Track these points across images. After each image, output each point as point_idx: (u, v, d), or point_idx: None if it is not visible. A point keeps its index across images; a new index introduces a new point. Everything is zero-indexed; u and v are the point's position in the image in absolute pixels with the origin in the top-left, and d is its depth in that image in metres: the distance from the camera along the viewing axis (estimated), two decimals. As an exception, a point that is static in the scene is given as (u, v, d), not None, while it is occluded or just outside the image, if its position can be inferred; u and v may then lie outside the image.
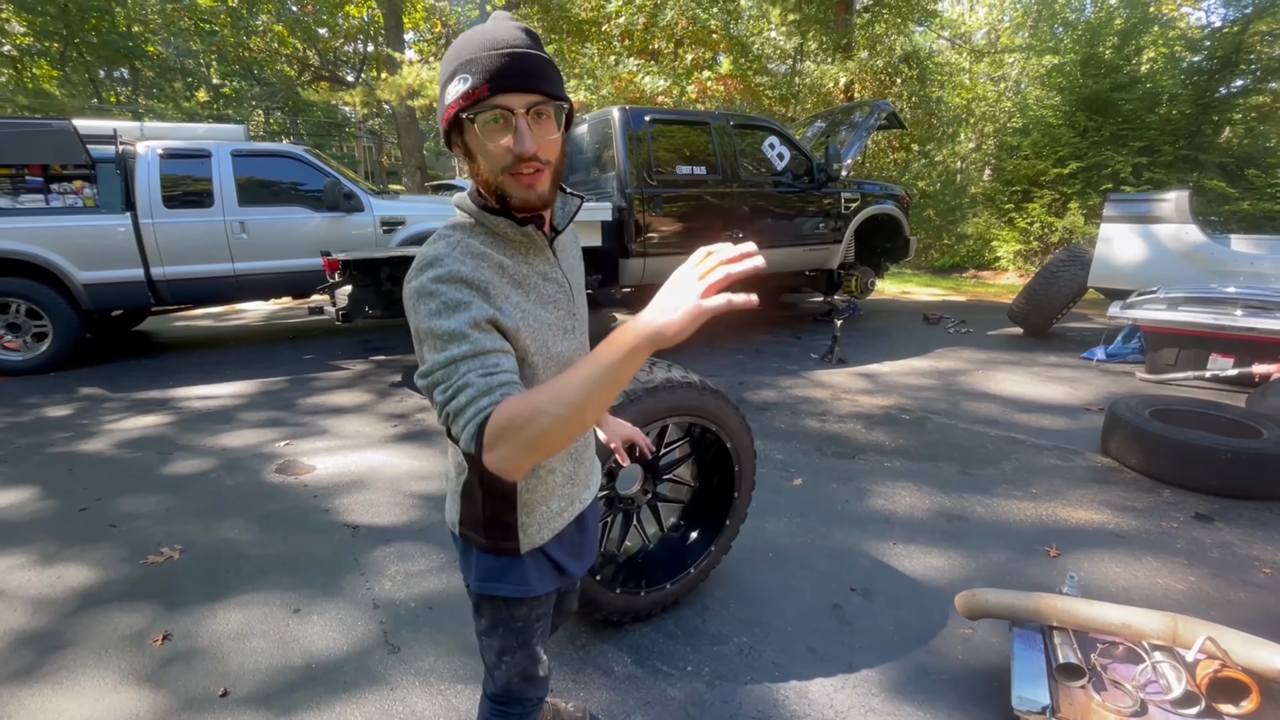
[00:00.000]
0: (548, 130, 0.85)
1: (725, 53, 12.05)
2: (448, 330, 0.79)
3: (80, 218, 4.89)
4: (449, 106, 0.83)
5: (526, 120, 0.81)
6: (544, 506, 1.02)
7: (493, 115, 0.81)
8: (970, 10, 17.22)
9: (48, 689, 1.72)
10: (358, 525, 2.59)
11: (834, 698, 1.67)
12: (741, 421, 2.00)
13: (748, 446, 2.04)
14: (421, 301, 0.82)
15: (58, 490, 2.93)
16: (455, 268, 0.83)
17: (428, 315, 0.81)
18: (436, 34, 16.78)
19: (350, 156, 20.92)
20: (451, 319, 0.80)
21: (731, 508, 2.07)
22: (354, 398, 4.28)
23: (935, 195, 11.92)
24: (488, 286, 0.85)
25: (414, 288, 0.83)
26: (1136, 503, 2.71)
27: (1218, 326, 4.11)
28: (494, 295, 0.85)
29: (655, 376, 1.82)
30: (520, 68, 0.81)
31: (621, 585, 1.88)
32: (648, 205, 4.93)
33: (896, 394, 4.23)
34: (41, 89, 13.15)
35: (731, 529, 2.10)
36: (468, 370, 0.77)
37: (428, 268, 0.83)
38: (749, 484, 2.09)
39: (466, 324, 0.80)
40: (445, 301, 0.81)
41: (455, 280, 0.82)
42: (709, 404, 1.89)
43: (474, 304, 0.82)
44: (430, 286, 0.82)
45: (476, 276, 0.84)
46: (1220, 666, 1.41)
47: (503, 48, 0.80)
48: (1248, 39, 8.99)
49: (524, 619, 1.07)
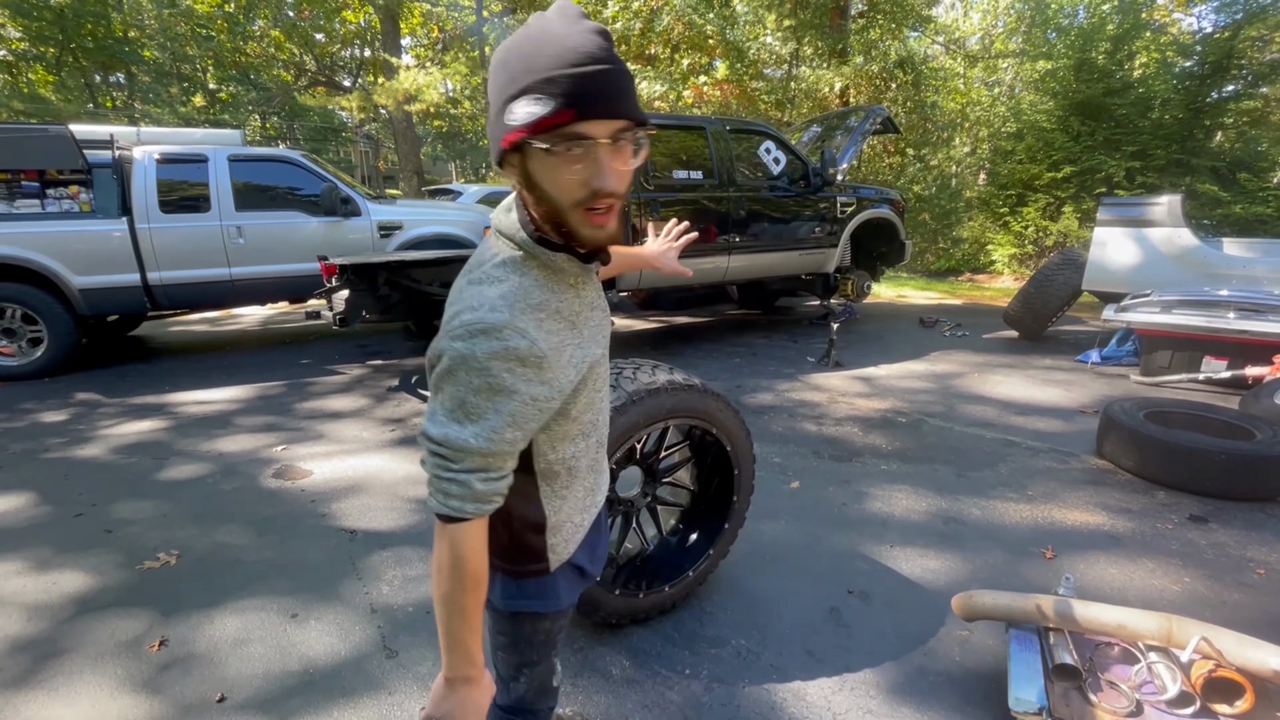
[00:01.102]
0: (625, 159, 0.74)
1: (721, 58, 12.12)
2: (479, 413, 0.74)
3: (76, 223, 4.88)
4: (517, 130, 0.70)
5: (608, 151, 0.71)
6: (569, 522, 0.99)
7: (572, 145, 0.69)
8: (964, 16, 17.33)
9: (44, 695, 1.71)
10: (355, 530, 2.58)
11: (832, 700, 1.67)
12: (741, 425, 2.01)
13: (747, 451, 2.05)
14: (465, 372, 0.73)
15: (53, 496, 2.92)
16: (514, 343, 0.73)
17: (467, 388, 0.74)
18: (433, 39, 16.82)
19: (347, 161, 20.91)
20: (490, 403, 0.74)
21: (730, 511, 2.08)
22: (351, 402, 4.27)
23: (930, 199, 11.98)
24: (543, 360, 0.77)
25: (460, 354, 0.73)
26: (1131, 504, 2.72)
27: (1211, 329, 4.14)
28: (548, 367, 0.78)
29: (657, 379, 1.82)
30: (608, 89, 0.69)
31: (621, 587, 1.89)
32: (644, 210, 4.94)
33: (893, 397, 4.25)
34: (37, 94, 13.12)
35: (730, 533, 2.11)
36: (472, 468, 0.77)
37: (482, 335, 0.73)
38: (748, 488, 2.10)
39: (501, 419, 0.75)
40: (491, 384, 0.74)
41: (510, 359, 0.73)
42: (710, 407, 1.90)
43: (520, 392, 0.75)
44: (483, 362, 0.73)
45: (534, 351, 0.75)
46: (1215, 667, 1.42)
47: (587, 64, 0.68)
48: (1239, 44, 9.06)
49: (548, 632, 1.04)
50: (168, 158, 5.10)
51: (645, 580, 1.97)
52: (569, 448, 0.91)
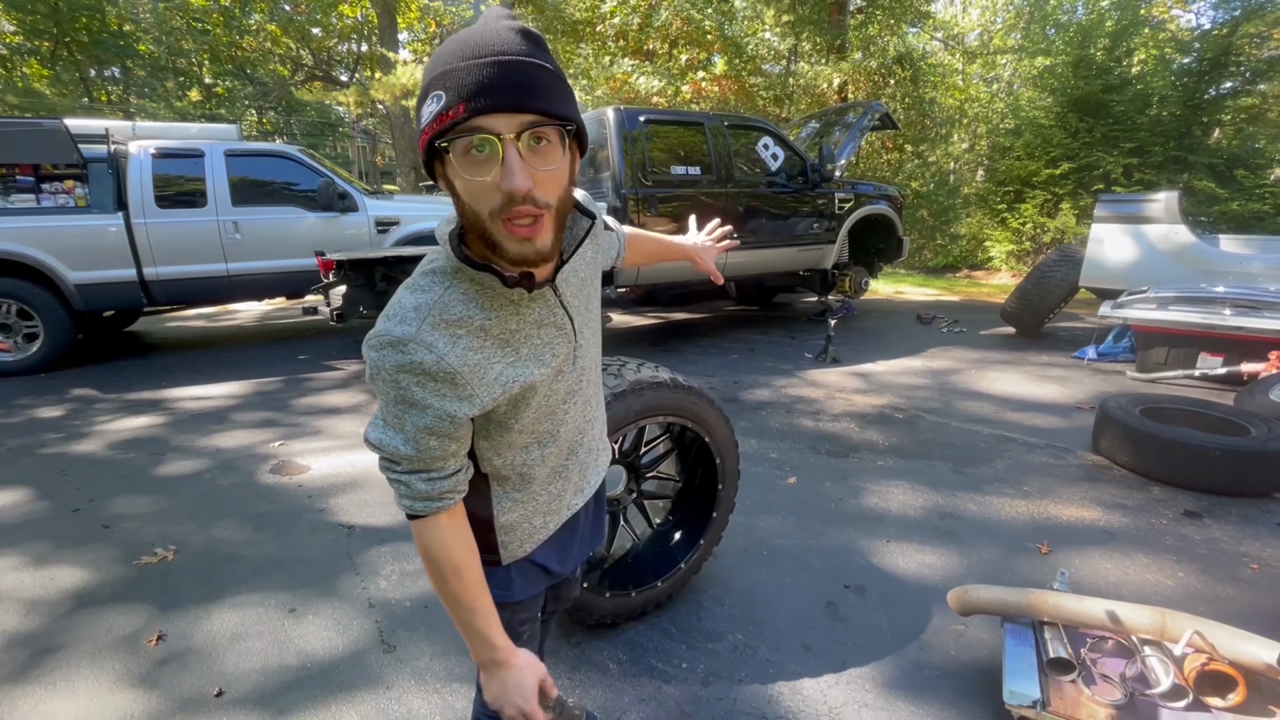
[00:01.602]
0: (547, 159, 0.67)
1: (720, 53, 12.08)
2: (400, 424, 0.76)
3: (72, 218, 4.86)
4: (422, 131, 0.67)
5: (517, 148, 0.64)
6: (526, 524, 0.96)
7: (473, 143, 0.64)
8: (963, 12, 17.30)
9: (41, 690, 1.71)
10: (353, 525, 2.58)
11: (828, 694, 1.68)
12: (719, 415, 1.97)
13: (728, 439, 2.02)
14: (380, 381, 0.75)
15: (50, 491, 2.92)
16: (419, 357, 0.72)
17: (385, 397, 0.76)
18: (431, 33, 16.75)
19: (344, 156, 20.84)
20: (406, 415, 0.75)
21: (717, 500, 2.05)
22: (348, 398, 4.27)
23: (928, 196, 11.98)
24: (455, 376, 0.74)
25: (373, 363, 0.74)
26: (1127, 500, 2.73)
27: (1207, 326, 4.15)
28: (463, 383, 0.75)
29: (624, 380, 1.76)
30: (508, 80, 0.63)
31: (610, 589, 1.88)
32: (642, 206, 4.94)
33: (890, 393, 4.26)
34: (32, 88, 13.03)
35: (719, 521, 2.09)
36: (409, 470, 0.79)
37: (389, 348, 0.72)
38: (733, 476, 2.07)
39: (419, 429, 0.75)
40: (401, 396, 0.74)
41: (418, 372, 0.72)
42: (683, 401, 1.86)
43: (431, 407, 0.74)
44: (390, 375, 0.73)
45: (441, 367, 0.73)
46: (1208, 660, 1.43)
47: (485, 56, 0.63)
48: (1237, 41, 9.07)
49: (508, 623, 1.01)
50: (164, 152, 5.08)
51: (636, 578, 1.95)
52: (518, 455, 0.90)
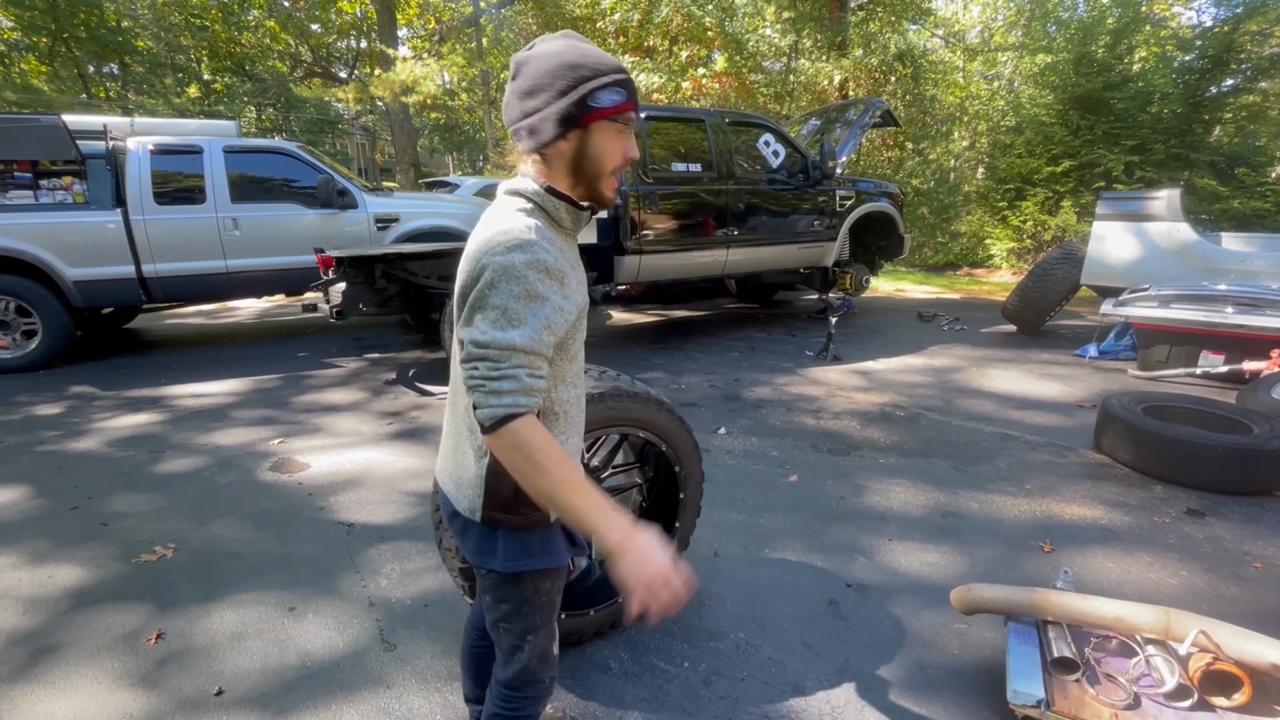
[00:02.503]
0: None
1: (720, 50, 12.05)
2: (520, 318, 0.87)
3: (70, 214, 4.84)
4: (604, 110, 0.92)
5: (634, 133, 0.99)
6: None
7: (622, 127, 0.96)
8: (964, 9, 17.26)
9: (40, 689, 1.70)
10: (352, 523, 2.57)
11: (830, 693, 1.67)
12: (675, 421, 1.87)
13: (686, 447, 1.91)
14: (507, 281, 0.87)
15: (49, 489, 2.91)
16: (543, 256, 0.89)
17: (509, 295, 0.87)
18: (430, 30, 16.69)
19: (344, 153, 20.81)
20: (528, 308, 0.87)
21: (680, 508, 1.96)
22: (348, 395, 4.26)
23: (929, 193, 11.96)
24: (565, 275, 0.93)
25: (502, 265, 0.87)
26: (1129, 498, 2.73)
27: (1209, 324, 4.14)
28: (567, 283, 0.94)
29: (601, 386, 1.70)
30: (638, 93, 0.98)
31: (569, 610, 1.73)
32: (643, 202, 4.92)
33: (891, 391, 4.25)
34: (30, 84, 12.96)
35: (683, 530, 2.00)
36: (519, 364, 0.87)
37: (517, 249, 0.88)
38: (695, 483, 1.97)
39: (539, 321, 0.88)
40: (529, 290, 0.87)
41: (542, 269, 0.89)
42: (633, 411, 1.76)
43: (550, 299, 0.90)
44: (521, 270, 0.87)
45: (558, 265, 0.91)
46: (1212, 660, 1.42)
47: (630, 74, 0.96)
48: (1238, 38, 9.05)
49: (548, 593, 1.10)
50: (162, 149, 5.06)
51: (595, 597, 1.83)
52: (566, 391, 1.03)
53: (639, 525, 0.89)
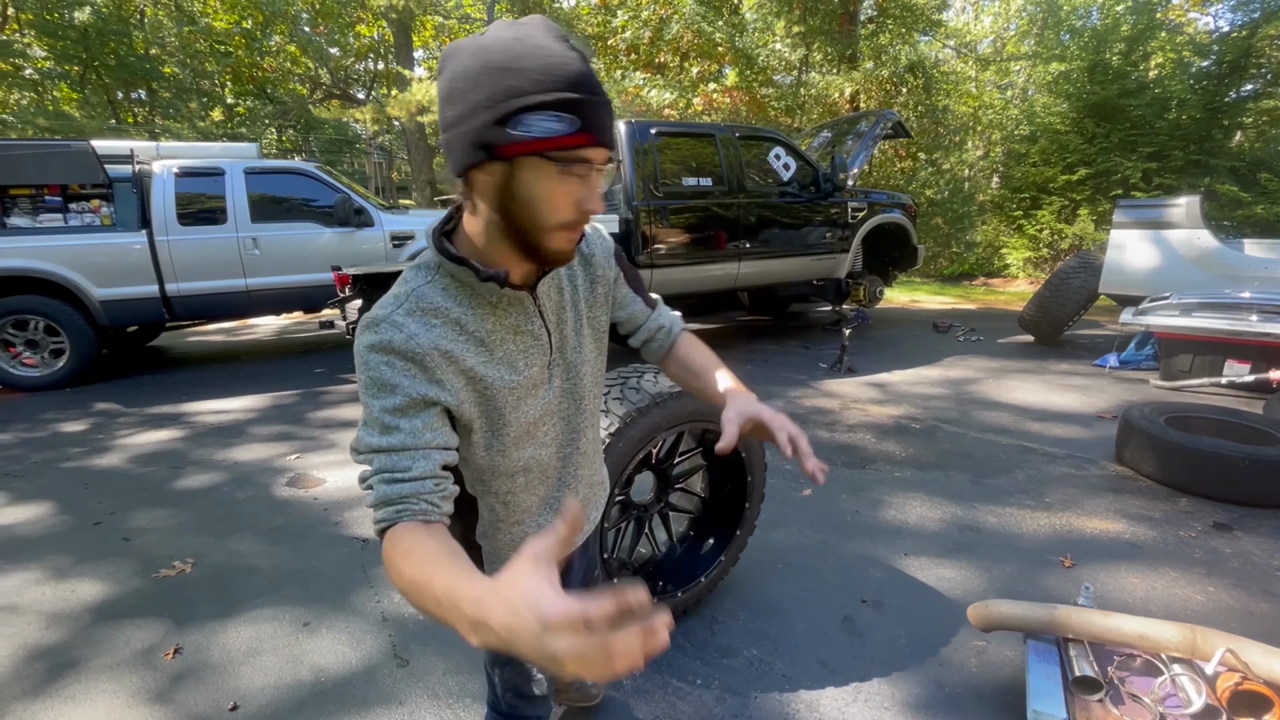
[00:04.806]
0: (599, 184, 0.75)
1: (731, 65, 12.13)
2: (370, 414, 0.75)
3: (97, 236, 4.98)
4: (531, 141, 0.67)
5: (598, 177, 0.73)
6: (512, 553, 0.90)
7: (577, 166, 0.70)
8: (975, 19, 17.25)
9: (60, 703, 1.73)
10: (366, 539, 2.59)
11: (845, 711, 1.64)
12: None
13: (760, 458, 2.04)
14: (359, 369, 0.76)
15: (72, 505, 2.97)
16: (388, 336, 0.74)
17: (361, 387, 0.76)
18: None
19: (361, 172, 21.18)
20: (376, 400, 0.74)
21: (742, 518, 2.07)
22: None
23: (943, 203, 11.89)
24: (424, 358, 0.75)
25: (355, 347, 0.77)
26: (1153, 512, 2.66)
27: (1233, 332, 4.06)
28: (432, 366, 0.76)
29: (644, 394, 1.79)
30: (609, 121, 0.71)
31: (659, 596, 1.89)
32: (654, 217, 4.95)
33: (906, 403, 4.20)
34: (62, 111, 13.44)
35: (741, 540, 2.10)
36: (377, 471, 0.74)
37: (365, 329, 0.76)
38: (759, 495, 2.09)
39: (388, 411, 0.74)
40: (373, 378, 0.75)
41: (386, 351, 0.74)
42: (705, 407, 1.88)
43: (400, 386, 0.74)
44: (363, 355, 0.75)
45: (411, 346, 0.74)
46: (1241, 679, 1.38)
47: (599, 94, 0.69)
48: (1256, 43, 8.94)
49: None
50: (186, 171, 5.20)
51: (658, 585, 1.96)
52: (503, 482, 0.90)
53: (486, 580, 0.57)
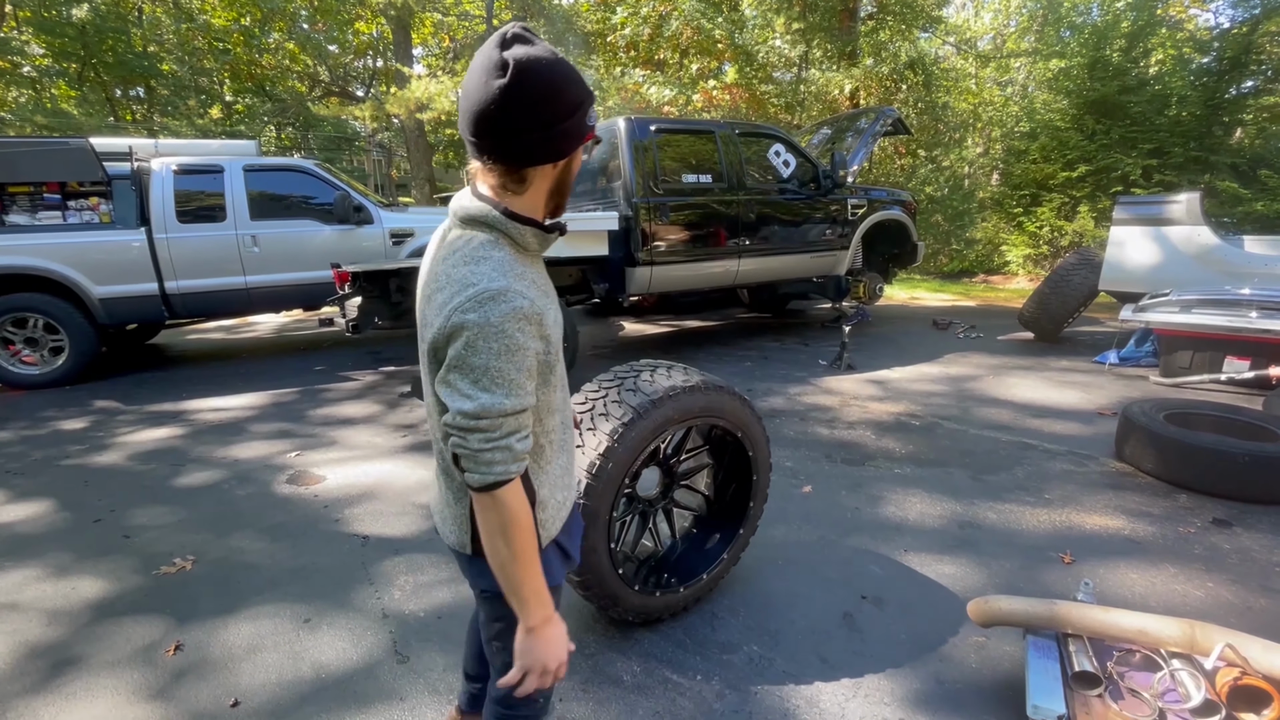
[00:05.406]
0: None
1: (730, 62, 12.13)
2: (506, 377, 0.83)
3: (96, 233, 4.97)
4: (594, 127, 0.92)
5: None
6: (552, 499, 1.05)
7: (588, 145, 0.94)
8: (975, 16, 17.21)
9: (61, 700, 1.73)
10: (367, 536, 2.59)
11: (845, 707, 1.65)
12: (763, 431, 2.02)
13: (766, 457, 2.06)
14: (485, 340, 0.81)
15: (73, 502, 2.97)
16: (518, 303, 0.83)
17: (489, 354, 0.81)
18: (444, 48, 16.99)
19: (360, 170, 21.13)
20: (511, 363, 0.83)
21: (746, 517, 2.08)
22: (364, 408, 4.31)
23: (943, 200, 11.88)
24: (543, 314, 0.87)
25: (477, 323, 0.81)
26: (1152, 508, 2.67)
27: (1233, 329, 4.06)
28: (543, 323, 0.87)
29: (691, 379, 1.83)
30: None
31: (640, 584, 1.90)
32: (654, 214, 4.95)
33: (906, 400, 4.20)
34: (60, 108, 13.38)
35: (744, 538, 2.11)
36: (511, 430, 0.85)
37: (491, 302, 0.81)
38: (763, 495, 2.10)
39: (524, 373, 0.84)
40: (508, 345, 0.82)
41: (519, 318, 0.83)
42: (738, 410, 1.91)
43: (531, 346, 0.85)
44: (498, 325, 0.81)
45: (535, 306, 0.85)
46: (1240, 674, 1.38)
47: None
48: (1257, 39, 8.93)
49: None
50: (184, 169, 5.19)
51: (660, 580, 1.97)
52: (550, 419, 1.01)
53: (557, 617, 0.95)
